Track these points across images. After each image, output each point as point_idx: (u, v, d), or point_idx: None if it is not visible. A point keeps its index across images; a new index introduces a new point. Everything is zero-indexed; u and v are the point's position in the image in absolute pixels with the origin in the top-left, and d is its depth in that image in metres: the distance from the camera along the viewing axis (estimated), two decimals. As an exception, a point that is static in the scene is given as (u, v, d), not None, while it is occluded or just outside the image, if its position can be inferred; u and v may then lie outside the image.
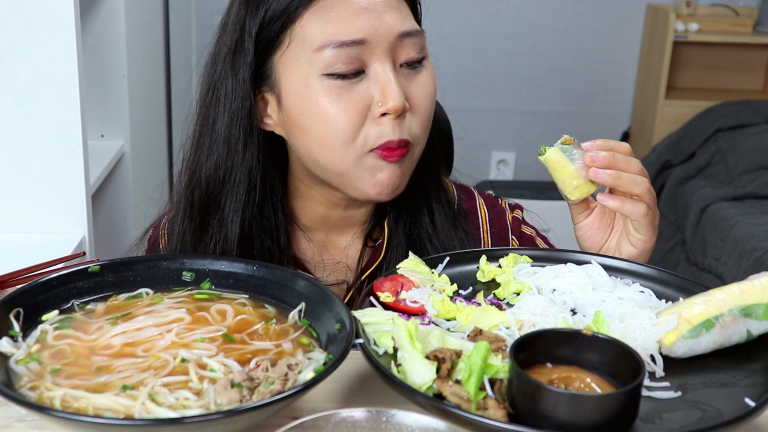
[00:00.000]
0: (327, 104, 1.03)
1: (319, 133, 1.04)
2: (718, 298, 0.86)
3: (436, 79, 1.11)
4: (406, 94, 1.05)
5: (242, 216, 1.10)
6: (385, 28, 1.03)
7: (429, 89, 1.08)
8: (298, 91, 1.04)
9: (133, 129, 2.34)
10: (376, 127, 1.04)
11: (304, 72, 1.03)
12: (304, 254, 1.18)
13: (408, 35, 1.05)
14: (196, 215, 1.12)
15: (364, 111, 1.03)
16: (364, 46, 1.02)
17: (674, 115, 3.80)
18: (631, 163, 1.04)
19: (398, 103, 1.02)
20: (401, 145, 1.04)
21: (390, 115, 1.03)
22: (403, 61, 1.06)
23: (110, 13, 2.21)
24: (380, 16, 1.03)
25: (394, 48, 1.04)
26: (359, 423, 0.64)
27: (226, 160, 1.09)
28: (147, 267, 0.94)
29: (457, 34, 3.86)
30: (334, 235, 1.19)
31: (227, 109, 1.08)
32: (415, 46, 1.06)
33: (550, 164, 1.05)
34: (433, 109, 1.10)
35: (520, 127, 4.02)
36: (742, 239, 3.01)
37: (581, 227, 1.12)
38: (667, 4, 3.86)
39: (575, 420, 0.69)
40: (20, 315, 0.84)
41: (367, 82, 1.04)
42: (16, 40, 1.60)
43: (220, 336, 0.84)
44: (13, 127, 1.65)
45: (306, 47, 1.03)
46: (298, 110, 1.05)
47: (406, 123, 1.05)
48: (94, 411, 0.72)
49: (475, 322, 0.88)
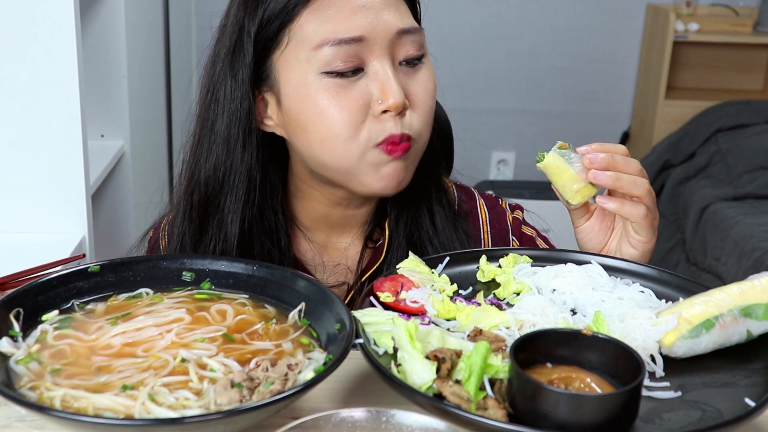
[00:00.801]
0: (326, 102, 1.03)
1: (320, 132, 1.04)
2: (718, 298, 0.86)
3: (436, 78, 1.11)
4: (406, 91, 1.05)
5: (241, 217, 1.10)
6: (384, 25, 1.03)
7: (429, 86, 1.08)
8: (297, 90, 1.04)
9: (133, 129, 2.34)
10: (378, 124, 1.04)
11: (303, 71, 1.03)
12: (305, 255, 1.18)
13: (406, 32, 1.05)
14: (196, 216, 1.12)
15: (364, 109, 1.03)
16: (363, 44, 1.02)
17: (674, 115, 3.80)
18: (630, 164, 1.04)
19: (398, 100, 1.02)
20: (404, 140, 1.05)
21: (390, 112, 1.03)
22: (402, 58, 1.06)
23: (110, 13, 2.21)
24: (378, 13, 1.03)
25: (392, 45, 1.04)
26: (359, 423, 0.64)
27: (225, 161, 1.09)
28: (147, 267, 0.94)
29: (457, 34, 3.86)
30: (334, 236, 1.19)
31: (226, 110, 1.08)
32: (414, 44, 1.06)
33: (549, 170, 1.05)
34: (433, 107, 1.10)
35: (520, 127, 4.02)
36: (742, 239, 3.01)
37: (582, 231, 1.12)
38: (667, 4, 3.86)
39: (575, 420, 0.69)
40: (20, 315, 0.84)
41: (366, 80, 1.04)
42: (16, 40, 1.60)
43: (220, 336, 0.84)
44: (13, 127, 1.65)
45: (305, 46, 1.03)
46: (298, 109, 1.05)
47: (406, 119, 1.05)
48: (94, 411, 0.72)
49: (475, 322, 0.88)
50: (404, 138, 1.04)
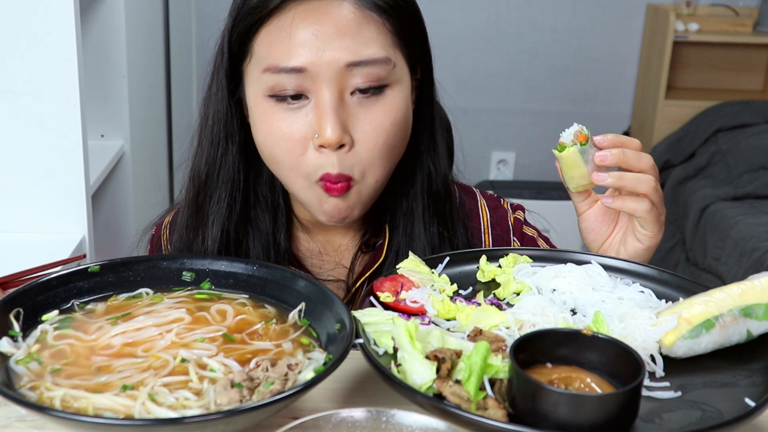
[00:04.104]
0: (270, 126, 1.02)
1: (269, 153, 1.05)
2: (718, 298, 0.86)
3: (436, 88, 1.09)
4: (353, 125, 1.00)
5: (226, 216, 1.11)
6: (329, 58, 0.97)
7: (384, 122, 1.01)
8: (251, 107, 1.05)
9: (133, 129, 2.34)
10: (318, 158, 1.00)
11: (255, 89, 1.04)
12: (305, 255, 1.18)
13: (361, 64, 0.98)
14: (191, 212, 1.13)
15: (305, 140, 1.00)
16: (305, 74, 0.98)
17: (674, 115, 3.80)
18: (642, 159, 1.03)
19: (332, 138, 0.98)
20: (341, 180, 1.01)
21: (326, 148, 0.99)
22: (355, 88, 0.99)
23: (110, 13, 2.21)
24: (328, 43, 0.97)
25: (341, 77, 0.98)
26: (359, 423, 0.64)
27: (214, 158, 1.11)
28: (147, 267, 0.94)
29: (457, 34, 3.86)
30: (333, 235, 1.19)
31: (213, 110, 1.10)
32: (371, 75, 0.99)
33: (564, 161, 1.04)
34: (390, 142, 1.03)
35: (520, 127, 4.02)
36: (742, 239, 3.01)
37: (585, 219, 1.11)
38: (667, 4, 3.86)
39: (575, 420, 0.69)
40: (20, 315, 0.84)
41: (308, 110, 1.00)
42: (16, 40, 1.60)
43: (220, 336, 0.84)
44: (13, 127, 1.65)
45: (258, 66, 1.03)
46: (253, 124, 1.06)
47: (349, 157, 1.00)
48: (94, 411, 0.72)
49: (475, 322, 0.88)
50: (341, 178, 1.00)
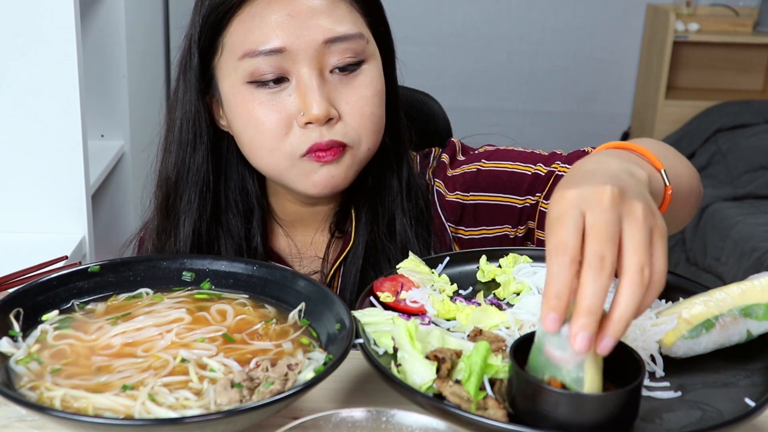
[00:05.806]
0: (252, 112, 1.04)
1: (248, 140, 1.07)
2: (718, 298, 0.86)
3: (383, 82, 1.08)
4: (337, 100, 1.04)
5: (196, 217, 1.12)
6: (308, 36, 1.01)
7: (366, 93, 1.05)
8: (228, 99, 1.07)
9: (133, 129, 2.34)
10: (302, 135, 1.03)
11: (232, 80, 1.05)
12: (283, 250, 1.20)
13: (337, 40, 1.02)
14: (161, 217, 1.15)
15: (289, 120, 1.03)
16: (285, 55, 1.01)
17: (674, 115, 3.81)
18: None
19: (319, 113, 1.01)
20: (333, 145, 1.03)
21: (313, 124, 1.02)
22: (334, 66, 1.03)
23: (110, 13, 2.21)
24: (304, 22, 1.01)
25: (320, 55, 1.02)
26: (359, 423, 0.64)
27: (182, 160, 1.12)
28: (147, 267, 0.94)
29: (457, 34, 3.86)
30: (308, 229, 1.21)
31: (180, 112, 1.11)
32: (348, 51, 1.03)
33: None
34: (376, 112, 1.07)
35: (520, 127, 4.02)
36: (742, 239, 3.01)
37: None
38: (667, 4, 3.86)
39: (575, 420, 0.69)
40: (20, 315, 0.84)
41: (290, 91, 1.03)
42: (17, 40, 1.60)
43: (220, 336, 0.84)
44: (13, 127, 1.65)
45: (233, 55, 1.04)
46: (231, 117, 1.08)
47: (339, 127, 1.04)
48: (94, 411, 0.72)
49: (475, 322, 0.88)
50: (333, 144, 1.03)
